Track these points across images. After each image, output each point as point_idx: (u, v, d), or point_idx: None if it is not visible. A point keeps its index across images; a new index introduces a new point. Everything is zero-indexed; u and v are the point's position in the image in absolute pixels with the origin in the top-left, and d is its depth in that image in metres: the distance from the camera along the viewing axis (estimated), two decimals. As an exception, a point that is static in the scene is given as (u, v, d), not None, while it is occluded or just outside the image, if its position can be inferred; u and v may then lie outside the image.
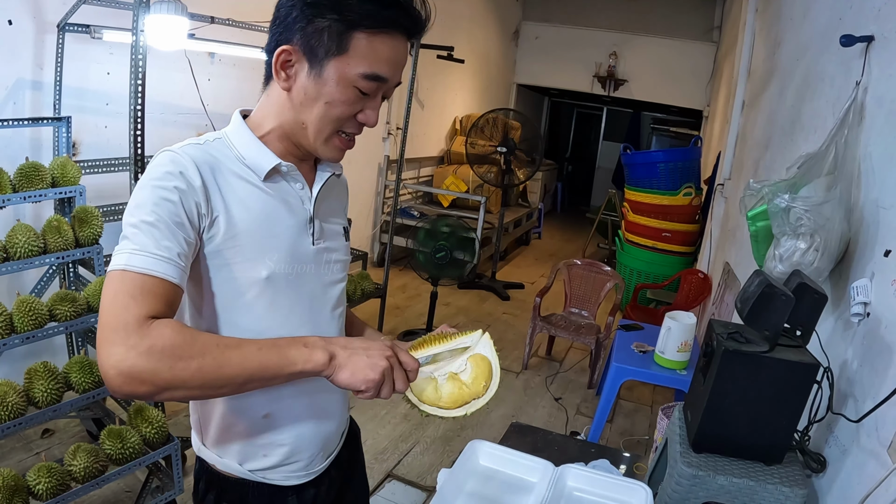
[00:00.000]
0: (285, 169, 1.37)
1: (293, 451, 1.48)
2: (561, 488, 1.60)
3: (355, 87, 1.29)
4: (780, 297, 1.53)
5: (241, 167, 1.34)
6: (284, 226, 1.38)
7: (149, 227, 1.18)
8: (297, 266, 1.40)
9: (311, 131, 1.34)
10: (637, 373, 3.88)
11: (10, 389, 2.51)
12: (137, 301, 1.12)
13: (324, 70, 1.27)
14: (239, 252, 1.31)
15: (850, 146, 1.99)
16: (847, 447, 1.66)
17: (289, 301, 1.39)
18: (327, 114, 1.31)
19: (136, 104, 2.71)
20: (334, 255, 1.51)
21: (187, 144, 1.31)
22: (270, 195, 1.36)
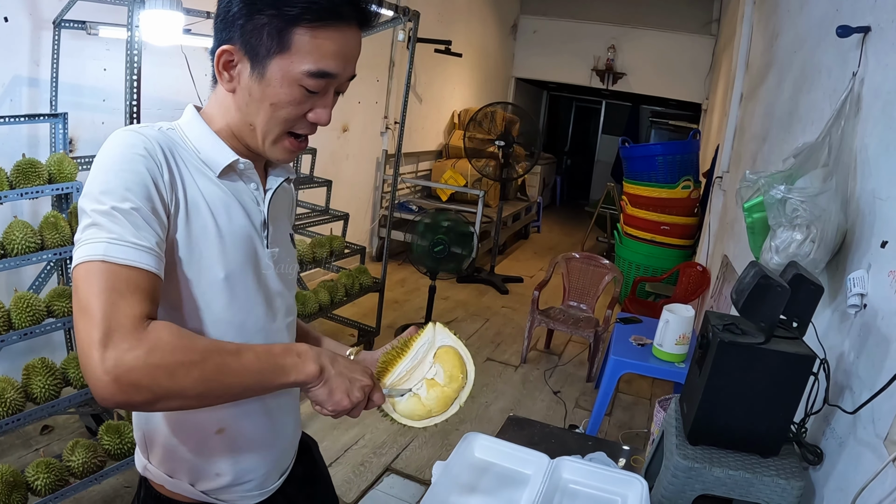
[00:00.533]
0: (242, 166, 1.29)
1: (247, 470, 1.38)
2: (556, 481, 1.60)
3: (301, 87, 1.20)
4: (776, 289, 1.53)
5: (196, 160, 1.25)
6: (240, 225, 1.28)
7: (123, 213, 1.08)
8: (252, 269, 1.32)
9: (259, 133, 1.26)
10: (635, 366, 3.88)
11: (9, 386, 2.51)
12: (127, 298, 1.03)
13: (266, 70, 1.19)
14: (196, 249, 1.22)
15: (846, 137, 1.98)
16: (844, 439, 1.66)
17: (245, 304, 1.31)
18: (274, 115, 1.23)
19: (131, 99, 2.71)
20: (285, 263, 1.43)
21: (144, 126, 1.22)
22: (225, 192, 1.27)
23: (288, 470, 1.52)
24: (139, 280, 1.06)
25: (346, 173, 6.93)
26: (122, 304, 1.02)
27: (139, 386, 0.99)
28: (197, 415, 1.29)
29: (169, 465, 1.34)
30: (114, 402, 0.99)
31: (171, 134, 1.25)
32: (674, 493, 1.61)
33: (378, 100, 7.36)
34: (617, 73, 10.80)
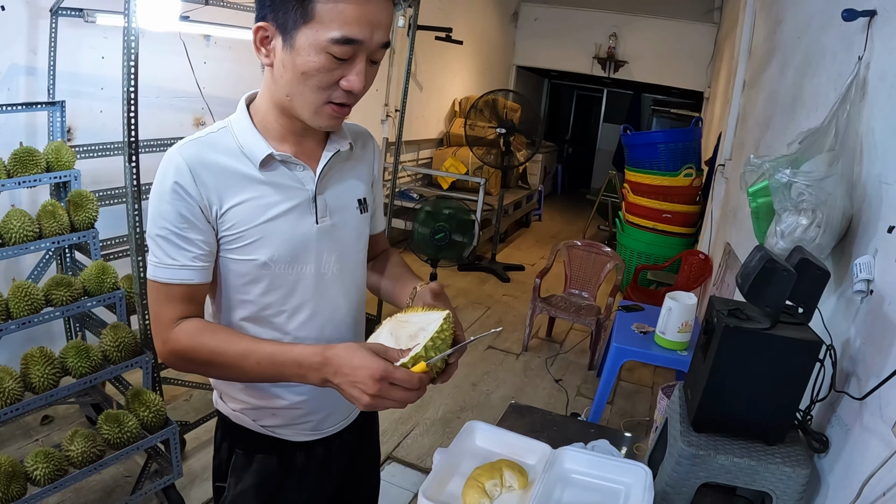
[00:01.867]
0: (279, 157, 1.40)
1: (303, 414, 1.57)
2: (558, 470, 1.59)
3: (328, 54, 1.26)
4: (782, 273, 1.51)
5: (239, 156, 1.38)
6: (280, 210, 1.41)
7: (162, 240, 1.35)
8: (297, 247, 1.44)
9: (298, 104, 1.34)
10: (638, 353, 3.86)
11: (7, 375, 2.49)
12: (164, 307, 1.37)
13: (295, 41, 1.26)
14: (237, 242, 1.39)
15: (852, 121, 1.96)
16: (850, 426, 1.64)
17: (290, 281, 1.46)
18: (307, 84, 1.30)
19: (128, 86, 2.68)
20: (345, 231, 1.54)
21: (189, 141, 1.37)
22: (265, 183, 1.40)
23: (351, 417, 1.72)
24: (174, 293, 1.36)
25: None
26: (161, 312, 1.38)
27: (175, 364, 1.39)
28: None
29: (233, 402, 1.58)
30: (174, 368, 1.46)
31: (219, 136, 1.41)
32: (677, 481, 1.59)
33: (378, 87, 7.31)
34: (618, 61, 10.75)
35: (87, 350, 2.73)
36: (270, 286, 1.44)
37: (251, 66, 4.93)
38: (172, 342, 1.35)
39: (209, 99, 4.39)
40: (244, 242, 1.39)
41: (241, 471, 1.59)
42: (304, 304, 1.49)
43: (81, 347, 2.73)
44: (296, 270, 1.46)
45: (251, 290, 1.44)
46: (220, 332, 1.36)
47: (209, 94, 4.39)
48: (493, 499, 1.48)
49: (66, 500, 3.01)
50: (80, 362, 2.70)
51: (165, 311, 1.36)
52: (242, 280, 1.43)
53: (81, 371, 2.70)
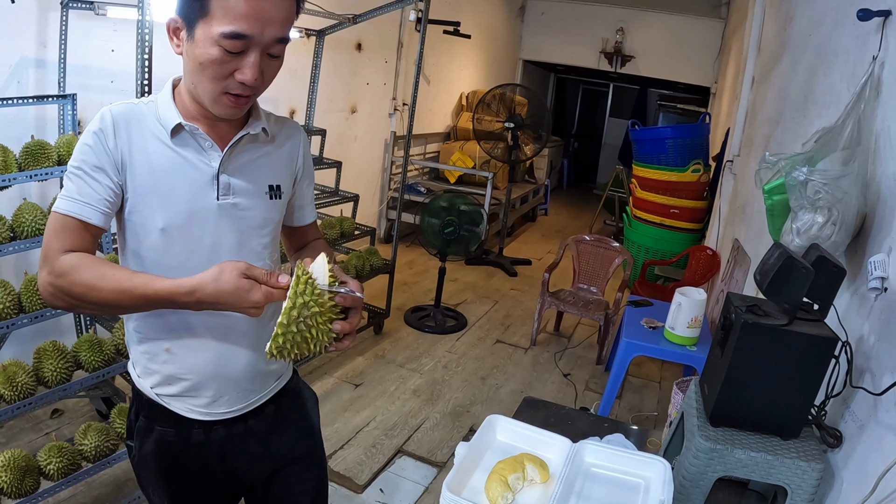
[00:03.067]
0: (188, 128, 1.47)
1: (193, 387, 1.60)
2: (579, 464, 1.59)
3: (220, 47, 1.34)
4: (800, 270, 1.51)
5: (155, 123, 1.47)
6: (183, 180, 1.48)
7: (75, 176, 1.42)
8: (194, 219, 1.50)
9: (199, 91, 1.43)
10: (647, 348, 3.87)
11: (20, 369, 2.50)
12: (56, 237, 1.40)
13: (194, 33, 1.35)
14: (139, 202, 1.46)
15: (866, 121, 1.96)
16: (864, 422, 1.65)
17: (185, 250, 1.51)
18: (203, 74, 1.38)
19: (142, 79, 2.69)
20: (248, 213, 1.58)
21: (122, 103, 1.48)
22: (174, 151, 1.48)
23: (250, 405, 1.70)
24: (72, 226, 1.41)
25: (353, 155, 6.91)
26: (51, 241, 1.40)
27: (56, 295, 1.39)
28: (151, 332, 1.57)
29: (137, 366, 1.64)
30: (50, 305, 1.43)
31: (147, 103, 1.50)
32: (695, 475, 1.60)
33: (386, 81, 7.32)
34: (625, 55, 10.73)
35: (100, 344, 2.74)
36: (166, 252, 1.50)
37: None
38: (56, 271, 1.37)
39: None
40: (145, 203, 1.46)
41: (144, 435, 1.66)
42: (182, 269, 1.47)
43: (94, 341, 2.74)
44: (192, 241, 1.51)
45: (149, 255, 1.50)
46: (99, 266, 1.39)
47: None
48: (516, 492, 1.49)
49: (78, 493, 3.02)
50: (93, 356, 2.71)
51: (56, 241, 1.40)
52: (142, 243, 1.49)
53: (94, 365, 2.71)
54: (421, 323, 5.65)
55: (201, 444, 1.66)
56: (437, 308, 5.82)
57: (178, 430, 1.64)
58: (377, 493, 3.36)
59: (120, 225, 1.52)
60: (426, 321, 5.69)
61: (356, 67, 6.61)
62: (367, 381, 4.43)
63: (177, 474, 1.68)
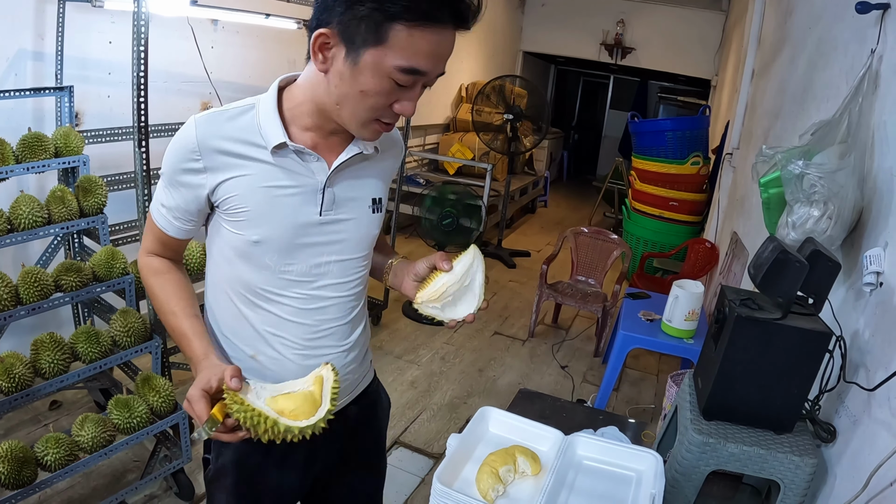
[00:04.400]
0: (292, 147, 1.40)
1: None
2: (570, 457, 1.60)
3: (391, 79, 1.27)
4: (795, 264, 1.51)
5: (255, 135, 1.40)
6: (283, 194, 1.42)
7: (162, 182, 1.47)
8: (294, 233, 1.45)
9: (346, 115, 1.35)
10: (644, 341, 3.87)
11: (17, 361, 2.50)
12: (148, 234, 1.56)
13: (360, 58, 1.26)
14: (235, 216, 1.42)
15: (864, 114, 1.96)
16: (858, 417, 1.65)
17: (281, 263, 1.47)
18: (362, 102, 1.31)
19: (139, 70, 2.68)
20: (351, 227, 1.54)
21: (211, 113, 1.40)
22: (274, 166, 1.41)
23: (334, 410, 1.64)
24: (155, 229, 1.53)
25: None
26: (146, 234, 1.57)
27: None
28: (237, 338, 1.55)
29: None
30: None
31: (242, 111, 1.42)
32: (688, 468, 1.60)
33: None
34: (626, 47, 10.69)
35: (97, 335, 2.74)
36: (259, 265, 1.46)
37: (258, 51, 4.92)
38: (140, 265, 1.58)
39: (217, 84, 4.39)
40: (239, 217, 1.42)
41: (222, 445, 1.61)
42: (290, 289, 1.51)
43: (91, 333, 2.74)
44: (289, 255, 1.47)
45: (240, 266, 1.47)
46: (167, 286, 1.54)
47: (217, 79, 4.39)
48: (507, 484, 1.50)
49: (76, 485, 3.03)
50: (90, 347, 2.71)
51: (148, 238, 1.56)
52: (233, 253, 1.47)
53: (91, 356, 2.71)
54: (419, 314, 5.62)
55: (283, 450, 1.54)
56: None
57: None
58: (374, 485, 3.36)
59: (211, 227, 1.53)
60: (424, 313, 5.67)
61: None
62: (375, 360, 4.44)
63: (253, 492, 1.64)
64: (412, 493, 3.35)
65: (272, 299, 1.50)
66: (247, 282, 1.48)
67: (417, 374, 4.63)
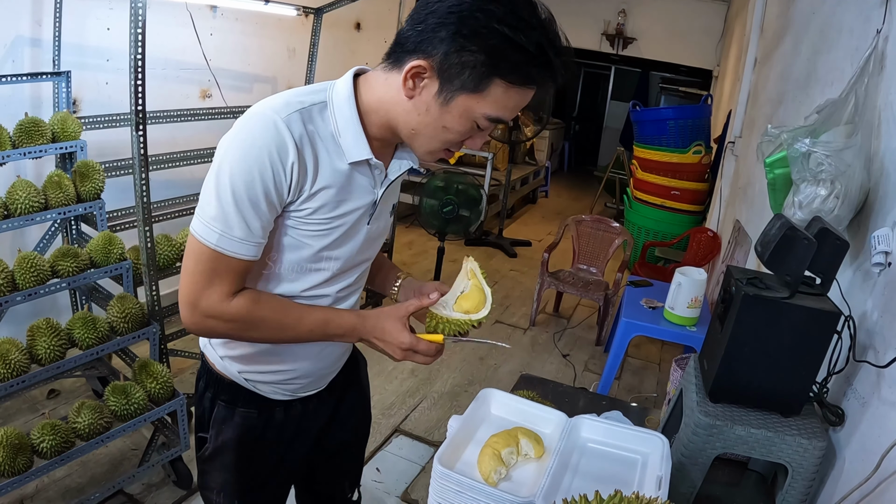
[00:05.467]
0: (373, 163, 1.41)
1: (290, 378, 1.61)
2: (574, 439, 1.57)
3: (475, 123, 1.32)
4: (803, 241, 1.48)
5: (333, 143, 1.37)
6: (351, 207, 1.44)
7: (236, 205, 1.28)
8: (349, 241, 1.48)
9: (419, 141, 1.38)
10: (646, 328, 3.86)
11: (13, 347, 2.48)
12: (223, 277, 1.33)
13: (453, 99, 1.28)
14: (308, 226, 1.40)
15: (870, 95, 1.94)
16: (867, 400, 1.63)
17: (335, 269, 1.50)
18: (442, 136, 1.35)
19: (136, 55, 2.65)
20: (379, 233, 1.59)
21: (293, 111, 1.31)
22: (349, 178, 1.41)
23: (327, 383, 1.74)
24: (236, 266, 1.34)
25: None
26: (216, 282, 1.33)
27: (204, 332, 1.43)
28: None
29: (224, 351, 1.59)
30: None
31: (317, 112, 1.36)
32: (694, 451, 1.58)
33: (386, 62, 7.25)
34: (627, 38, 10.63)
35: (94, 321, 2.72)
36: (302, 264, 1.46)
37: (258, 39, 4.89)
38: (226, 314, 1.35)
39: (216, 71, 4.36)
40: (309, 228, 1.40)
41: (223, 423, 1.61)
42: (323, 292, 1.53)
43: (88, 319, 2.72)
44: (334, 259, 1.49)
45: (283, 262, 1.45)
46: (274, 301, 1.43)
47: (216, 67, 4.36)
48: (510, 467, 1.47)
49: (73, 473, 3.02)
50: (87, 333, 2.69)
51: (221, 281, 1.34)
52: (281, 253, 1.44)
53: (88, 342, 2.69)
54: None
55: (282, 424, 1.66)
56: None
57: (260, 412, 1.62)
58: (374, 473, 3.35)
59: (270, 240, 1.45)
60: (425, 302, 5.66)
61: (355, 46, 6.54)
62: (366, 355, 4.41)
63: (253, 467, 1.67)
64: (412, 480, 3.34)
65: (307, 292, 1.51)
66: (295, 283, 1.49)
67: (418, 362, 4.61)
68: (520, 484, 1.45)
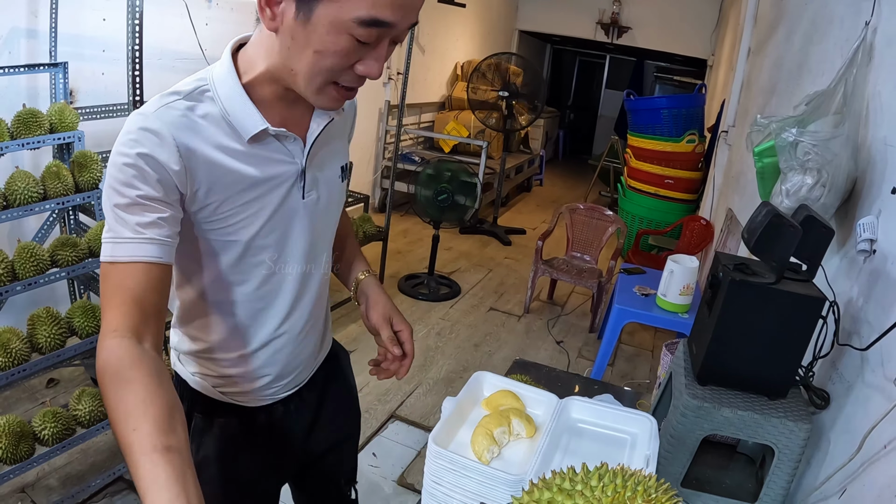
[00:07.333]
0: (273, 132, 1.25)
1: (264, 385, 1.51)
2: (565, 420, 1.61)
3: (350, 35, 1.08)
4: (788, 228, 1.52)
5: (223, 126, 1.22)
6: (268, 187, 1.29)
7: (124, 210, 1.12)
8: (280, 224, 1.34)
9: (301, 80, 1.17)
10: (639, 315, 3.89)
11: (14, 336, 2.50)
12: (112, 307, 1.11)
13: (312, 13, 1.06)
14: (220, 220, 1.26)
15: (858, 85, 1.97)
16: (852, 383, 1.66)
17: (264, 256, 1.35)
18: (317, 63, 1.12)
19: (133, 45, 2.68)
20: (327, 202, 1.44)
21: (163, 106, 1.18)
22: (252, 157, 1.25)
23: (305, 380, 1.63)
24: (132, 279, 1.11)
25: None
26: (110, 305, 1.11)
27: None
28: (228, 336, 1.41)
29: (194, 367, 1.48)
30: None
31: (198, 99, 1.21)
32: (682, 433, 1.61)
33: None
34: (622, 26, 10.65)
35: (94, 310, 2.74)
36: (241, 260, 1.33)
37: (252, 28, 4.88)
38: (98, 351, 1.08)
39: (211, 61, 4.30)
40: (225, 224, 1.26)
41: (201, 435, 1.50)
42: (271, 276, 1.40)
43: (88, 307, 2.74)
44: (274, 246, 1.36)
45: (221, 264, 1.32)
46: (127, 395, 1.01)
47: (211, 56, 4.37)
48: (502, 446, 1.51)
49: (73, 460, 3.04)
50: (87, 322, 2.71)
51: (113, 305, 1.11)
52: (214, 257, 1.31)
53: (88, 330, 2.71)
54: (415, 290, 5.66)
55: (264, 429, 1.55)
56: (430, 276, 5.84)
57: (240, 420, 1.51)
58: (370, 458, 3.39)
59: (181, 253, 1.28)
60: (420, 289, 5.71)
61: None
62: (361, 348, 4.44)
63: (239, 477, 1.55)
64: (408, 465, 3.38)
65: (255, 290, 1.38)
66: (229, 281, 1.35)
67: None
68: (511, 462, 1.49)
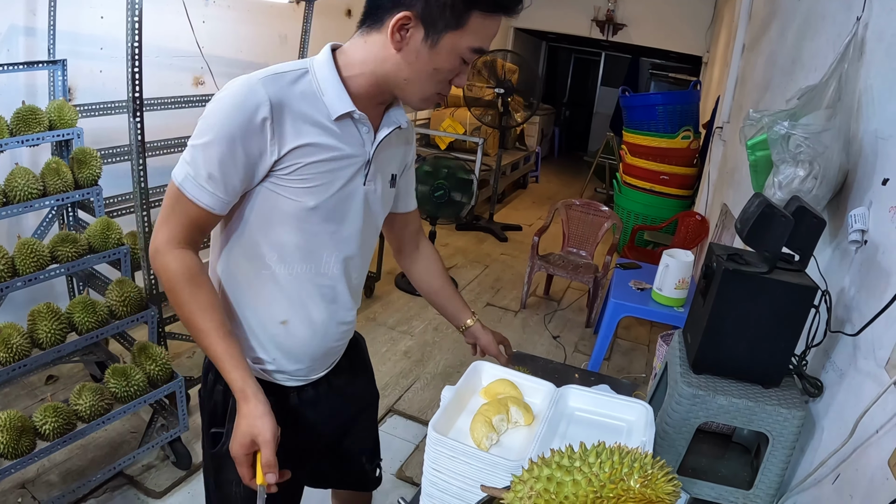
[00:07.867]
0: (357, 116, 1.49)
1: (298, 360, 1.66)
2: (562, 408, 1.63)
3: (461, 58, 1.43)
4: (780, 218, 1.54)
5: (317, 104, 1.45)
6: (342, 163, 1.51)
7: (207, 156, 1.37)
8: (343, 201, 1.55)
9: (413, 89, 1.48)
10: (635, 309, 3.92)
11: (14, 331, 2.51)
12: (171, 222, 1.43)
13: (439, 41, 1.39)
14: (297, 184, 1.46)
15: (849, 80, 1.99)
16: (844, 371, 1.69)
17: (328, 229, 1.55)
18: (432, 77, 1.45)
19: (132, 42, 2.69)
20: (380, 197, 1.67)
21: (269, 75, 1.41)
22: (336, 134, 1.48)
23: (334, 363, 1.81)
24: (192, 211, 1.42)
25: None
26: (170, 218, 1.43)
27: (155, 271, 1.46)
28: (269, 305, 1.58)
29: None
30: None
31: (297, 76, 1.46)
32: (678, 421, 1.64)
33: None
34: (617, 24, 10.64)
35: (94, 305, 2.76)
36: (299, 230, 1.52)
37: (250, 26, 4.92)
38: (164, 263, 1.43)
39: (209, 58, 4.38)
40: (301, 185, 1.47)
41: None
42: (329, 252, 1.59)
43: (87, 302, 2.76)
44: (332, 221, 1.55)
45: (282, 228, 1.51)
46: (202, 294, 1.45)
47: (209, 54, 4.38)
48: (500, 433, 1.54)
49: (73, 456, 3.06)
50: (87, 317, 2.73)
51: (172, 223, 1.43)
52: (280, 217, 1.50)
53: (88, 326, 2.73)
54: (412, 286, 5.67)
55: (297, 409, 1.73)
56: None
57: (277, 399, 1.61)
58: (369, 452, 3.40)
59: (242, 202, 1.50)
60: (417, 285, 5.70)
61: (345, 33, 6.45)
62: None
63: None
64: (406, 459, 3.40)
65: (311, 260, 1.56)
66: (285, 244, 1.52)
67: (411, 344, 4.67)
68: (510, 449, 1.52)
